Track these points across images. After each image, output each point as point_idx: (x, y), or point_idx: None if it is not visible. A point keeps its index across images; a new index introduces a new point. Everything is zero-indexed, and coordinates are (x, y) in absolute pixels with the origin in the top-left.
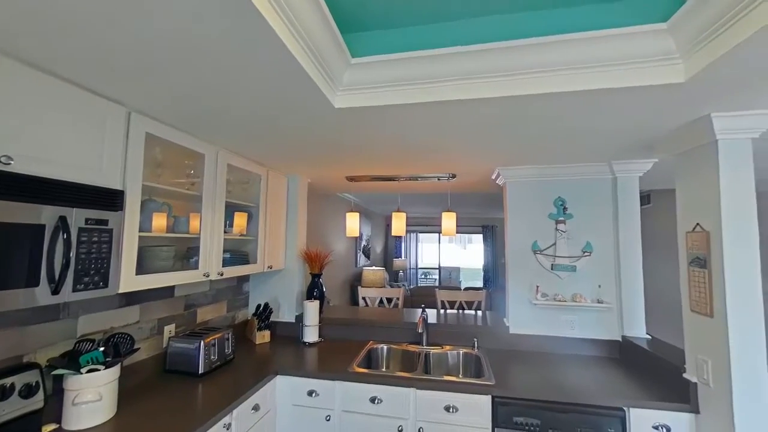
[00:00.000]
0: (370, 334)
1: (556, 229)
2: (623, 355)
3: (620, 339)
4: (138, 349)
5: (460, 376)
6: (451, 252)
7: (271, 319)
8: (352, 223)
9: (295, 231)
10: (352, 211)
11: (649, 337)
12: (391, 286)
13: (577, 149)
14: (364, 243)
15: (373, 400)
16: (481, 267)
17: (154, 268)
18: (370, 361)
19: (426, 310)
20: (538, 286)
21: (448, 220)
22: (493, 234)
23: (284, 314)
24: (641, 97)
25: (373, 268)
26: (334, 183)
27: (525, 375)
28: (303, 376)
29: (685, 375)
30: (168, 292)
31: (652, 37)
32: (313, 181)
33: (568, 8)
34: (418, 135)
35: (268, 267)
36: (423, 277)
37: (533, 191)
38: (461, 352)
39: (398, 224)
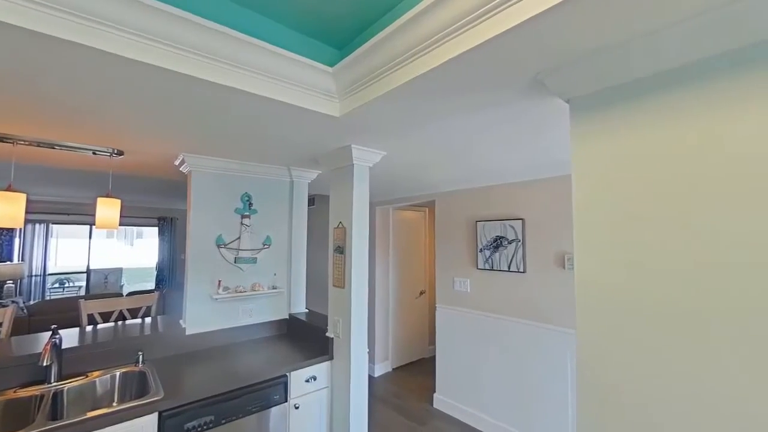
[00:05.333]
0: None
1: (242, 224)
2: (290, 329)
3: (288, 317)
4: None
5: (116, 403)
6: (110, 249)
7: None
8: None
9: None
10: None
11: (308, 310)
12: None
13: (264, 151)
14: None
15: None
16: (155, 265)
17: None
18: None
19: (59, 331)
20: (220, 281)
21: (108, 209)
22: (172, 227)
23: None
24: (312, 119)
25: None
26: None
27: (200, 375)
28: None
29: (327, 334)
30: None
31: (322, 74)
32: None
33: (268, 19)
34: (62, 85)
35: None
36: (57, 286)
37: (221, 184)
38: (118, 373)
39: (8, 210)
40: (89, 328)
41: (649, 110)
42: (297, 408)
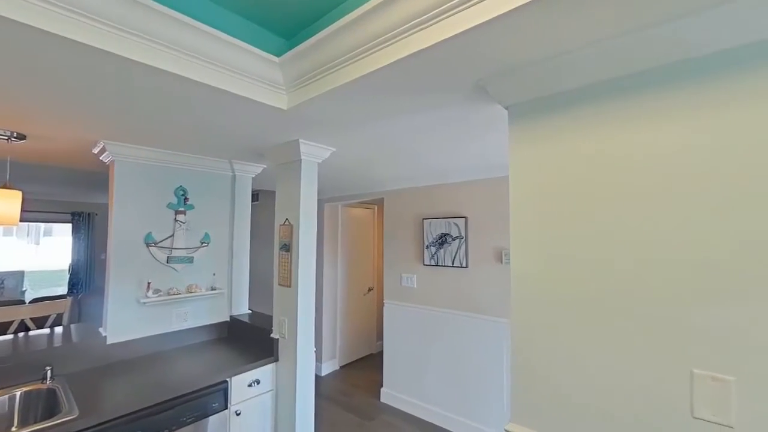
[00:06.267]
0: None
1: (176, 220)
2: (231, 332)
3: (228, 319)
4: None
5: (15, 428)
6: (8, 249)
7: None
8: None
9: None
10: None
11: (251, 311)
12: None
13: (203, 142)
14: None
15: None
16: (68, 267)
17: None
18: None
19: None
20: (149, 283)
21: (5, 202)
22: (89, 223)
23: None
24: (257, 110)
25: None
26: None
27: (125, 388)
28: None
29: (272, 335)
30: None
31: (267, 64)
32: None
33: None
34: None
35: None
36: None
37: (150, 176)
38: (19, 393)
39: None
40: None
41: (575, 119)
42: (238, 414)
